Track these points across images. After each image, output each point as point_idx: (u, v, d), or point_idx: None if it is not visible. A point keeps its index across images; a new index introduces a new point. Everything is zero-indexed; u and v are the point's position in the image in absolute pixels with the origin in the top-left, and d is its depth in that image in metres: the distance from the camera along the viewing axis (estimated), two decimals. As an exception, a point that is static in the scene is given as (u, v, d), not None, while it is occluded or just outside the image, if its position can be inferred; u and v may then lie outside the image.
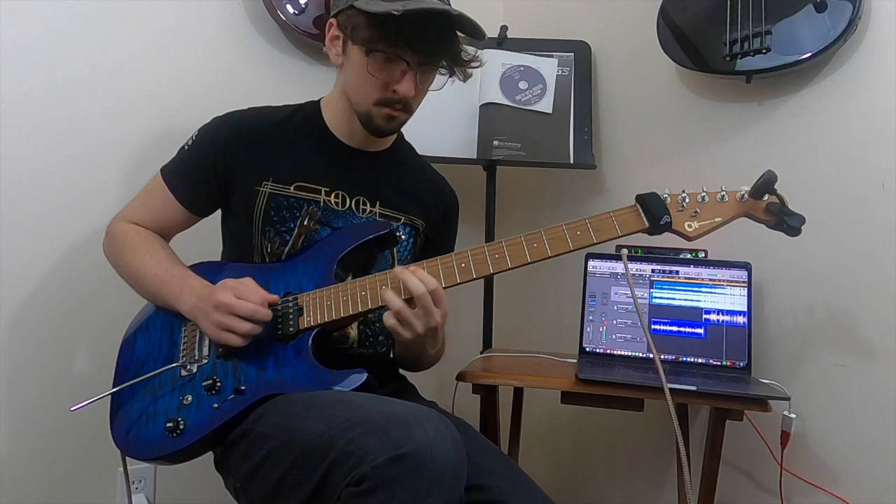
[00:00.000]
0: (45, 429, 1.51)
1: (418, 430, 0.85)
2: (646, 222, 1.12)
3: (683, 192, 1.14)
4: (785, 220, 1.10)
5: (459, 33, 1.18)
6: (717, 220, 1.13)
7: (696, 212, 1.13)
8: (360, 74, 1.15)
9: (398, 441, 0.84)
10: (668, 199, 1.13)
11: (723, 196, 1.13)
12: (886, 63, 1.34)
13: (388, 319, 1.09)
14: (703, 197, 1.13)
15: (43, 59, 1.49)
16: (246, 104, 1.31)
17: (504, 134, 1.76)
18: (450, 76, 1.23)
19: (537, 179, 2.00)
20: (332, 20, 1.19)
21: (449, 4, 1.15)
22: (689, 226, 1.13)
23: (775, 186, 1.10)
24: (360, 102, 1.19)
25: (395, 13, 1.05)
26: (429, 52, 1.15)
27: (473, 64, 1.23)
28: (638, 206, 1.13)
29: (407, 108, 1.19)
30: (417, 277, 1.07)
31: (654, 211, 1.12)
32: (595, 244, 1.13)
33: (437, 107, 1.74)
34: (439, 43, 1.16)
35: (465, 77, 1.24)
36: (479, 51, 1.26)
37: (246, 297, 1.09)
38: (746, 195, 1.12)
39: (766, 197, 1.12)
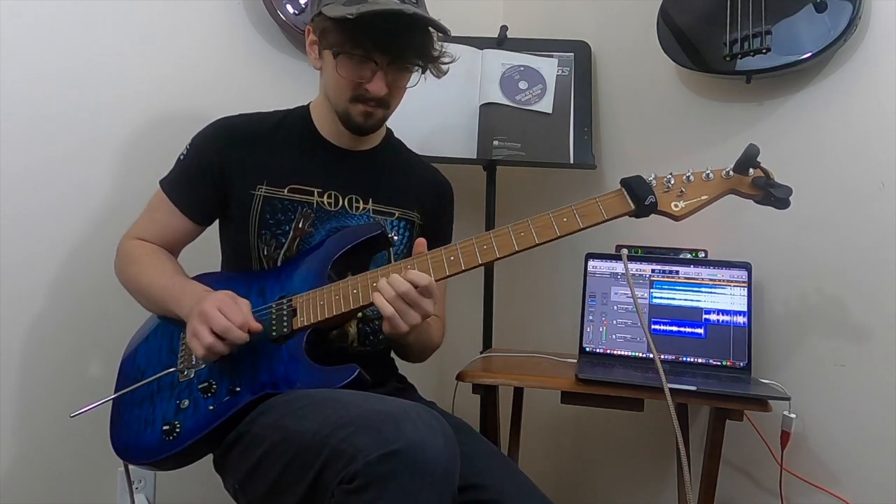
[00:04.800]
0: (45, 429, 1.51)
1: (410, 427, 0.85)
2: (631, 204, 1.12)
3: (669, 173, 1.14)
4: (771, 193, 1.10)
5: (432, 29, 1.17)
6: (703, 198, 1.13)
7: (681, 191, 1.13)
8: (334, 76, 1.17)
9: (390, 437, 0.84)
10: (654, 182, 1.13)
11: (708, 175, 1.14)
12: (887, 63, 1.34)
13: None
14: (689, 177, 1.14)
15: (43, 55, 1.49)
16: (245, 103, 1.32)
17: (504, 134, 1.76)
18: (422, 73, 1.23)
19: (537, 179, 2.00)
20: (309, 26, 1.21)
21: (415, 2, 1.15)
22: (676, 205, 1.13)
23: (758, 159, 1.10)
24: (337, 102, 1.21)
25: (350, 17, 1.07)
26: (396, 51, 1.16)
27: (445, 59, 1.23)
28: (623, 189, 1.13)
29: (383, 103, 1.20)
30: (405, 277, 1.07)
31: (638, 192, 1.11)
32: (582, 229, 1.12)
33: (438, 107, 1.74)
34: (405, 41, 1.16)
35: (440, 73, 1.24)
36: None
37: (228, 313, 1.06)
38: (731, 171, 1.13)
39: (751, 172, 1.13)
